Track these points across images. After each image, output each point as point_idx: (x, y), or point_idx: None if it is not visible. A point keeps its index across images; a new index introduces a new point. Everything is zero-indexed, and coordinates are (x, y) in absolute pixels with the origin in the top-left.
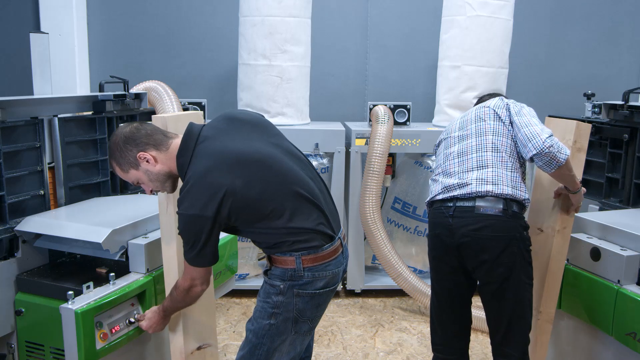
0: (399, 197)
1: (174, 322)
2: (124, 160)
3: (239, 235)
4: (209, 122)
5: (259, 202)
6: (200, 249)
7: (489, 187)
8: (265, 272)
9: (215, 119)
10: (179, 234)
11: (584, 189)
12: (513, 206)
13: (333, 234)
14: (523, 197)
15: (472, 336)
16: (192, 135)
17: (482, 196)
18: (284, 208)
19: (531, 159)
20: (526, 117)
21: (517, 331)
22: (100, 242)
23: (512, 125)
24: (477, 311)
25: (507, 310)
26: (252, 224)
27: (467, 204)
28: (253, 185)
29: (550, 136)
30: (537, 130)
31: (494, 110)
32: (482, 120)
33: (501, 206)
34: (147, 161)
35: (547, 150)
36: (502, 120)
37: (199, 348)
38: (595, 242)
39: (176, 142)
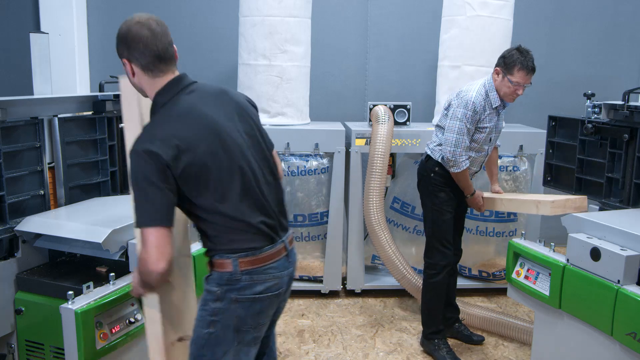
0: (398, 197)
1: (150, 308)
2: (117, 46)
3: (189, 218)
4: (203, 82)
5: (212, 176)
6: (152, 199)
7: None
8: (206, 278)
9: (210, 84)
10: (130, 183)
11: (479, 196)
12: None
13: (275, 237)
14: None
15: None
16: (181, 81)
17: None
18: (232, 195)
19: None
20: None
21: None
22: (100, 242)
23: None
24: (485, 311)
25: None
26: (198, 197)
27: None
28: (213, 159)
29: (451, 151)
30: (448, 140)
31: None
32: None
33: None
34: (128, 69)
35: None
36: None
37: (180, 339)
38: (595, 242)
39: (164, 79)
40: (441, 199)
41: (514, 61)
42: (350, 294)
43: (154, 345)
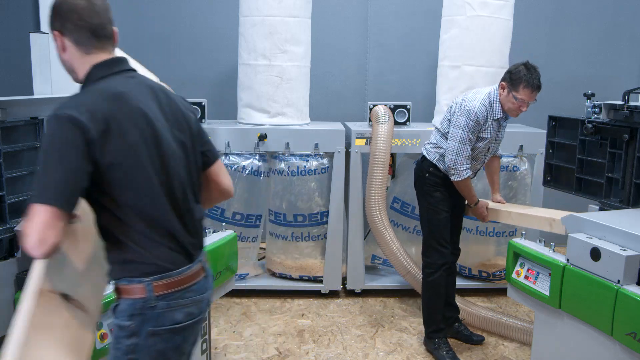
0: (398, 197)
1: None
2: (50, 18)
3: (99, 217)
4: (143, 75)
5: (139, 168)
6: (60, 174)
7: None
8: (114, 310)
9: (152, 80)
10: (41, 152)
11: (483, 207)
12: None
13: (194, 255)
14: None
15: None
16: (123, 63)
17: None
18: (157, 197)
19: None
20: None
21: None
22: None
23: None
24: (488, 312)
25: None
26: (117, 189)
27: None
28: (144, 150)
29: (452, 159)
30: (450, 149)
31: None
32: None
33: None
34: (59, 43)
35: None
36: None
37: (65, 296)
38: (595, 242)
39: (98, 58)
40: (436, 198)
41: (520, 78)
42: (350, 294)
43: (32, 280)
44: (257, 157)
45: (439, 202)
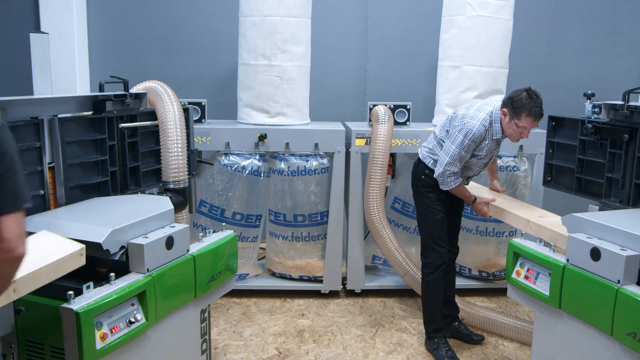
0: (398, 197)
1: None
2: None
3: None
4: None
5: None
6: None
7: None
8: None
9: None
10: None
11: (481, 204)
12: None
13: None
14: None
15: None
16: None
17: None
18: None
19: None
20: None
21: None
22: (101, 242)
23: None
24: (488, 312)
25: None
26: None
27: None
28: None
29: (441, 172)
30: (441, 160)
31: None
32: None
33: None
34: None
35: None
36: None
37: None
38: (595, 242)
39: None
40: (431, 199)
41: (522, 106)
42: (350, 294)
43: None
44: (257, 157)
45: (434, 203)
